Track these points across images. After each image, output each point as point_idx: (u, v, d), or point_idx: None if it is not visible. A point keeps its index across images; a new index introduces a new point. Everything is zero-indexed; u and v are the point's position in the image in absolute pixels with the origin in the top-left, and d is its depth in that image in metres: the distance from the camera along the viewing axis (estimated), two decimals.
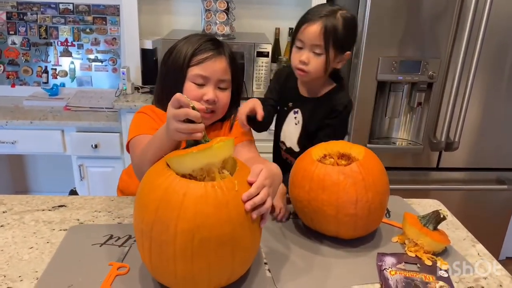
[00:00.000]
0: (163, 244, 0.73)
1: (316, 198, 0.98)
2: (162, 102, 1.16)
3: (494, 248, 2.24)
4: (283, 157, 1.36)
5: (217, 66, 1.11)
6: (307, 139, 1.25)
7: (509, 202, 2.18)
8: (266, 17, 2.54)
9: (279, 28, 2.53)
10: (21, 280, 0.85)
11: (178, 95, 0.82)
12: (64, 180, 2.55)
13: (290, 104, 1.30)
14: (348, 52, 1.21)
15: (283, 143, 1.33)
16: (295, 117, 1.29)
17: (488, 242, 1.16)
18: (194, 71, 1.10)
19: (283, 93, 1.32)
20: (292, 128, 1.30)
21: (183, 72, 1.10)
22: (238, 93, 1.21)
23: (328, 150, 1.08)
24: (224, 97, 1.14)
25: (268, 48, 2.20)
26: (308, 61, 1.17)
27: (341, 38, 1.16)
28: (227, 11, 2.29)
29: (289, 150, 1.32)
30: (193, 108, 0.82)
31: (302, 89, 1.29)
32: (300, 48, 1.19)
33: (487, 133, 2.04)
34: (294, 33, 1.21)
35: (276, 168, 1.02)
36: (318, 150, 1.07)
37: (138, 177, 1.01)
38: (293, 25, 1.23)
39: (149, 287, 0.84)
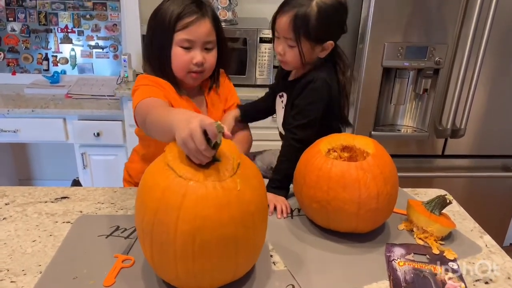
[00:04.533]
0: (164, 245, 0.72)
1: (337, 197, 0.93)
2: (152, 65, 1.19)
3: (498, 234, 2.24)
4: None
5: (202, 29, 1.12)
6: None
7: None
8: (269, 1, 2.48)
9: None
10: (24, 274, 0.84)
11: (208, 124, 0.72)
12: (67, 168, 2.55)
13: (278, 90, 1.29)
14: (330, 42, 1.14)
15: (278, 128, 1.33)
16: (281, 101, 1.27)
17: (493, 228, 1.15)
18: (180, 36, 1.12)
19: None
20: (280, 112, 1.29)
21: (170, 37, 1.12)
22: (222, 51, 1.21)
23: (332, 144, 1.05)
24: (211, 57, 1.17)
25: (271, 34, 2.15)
26: (284, 52, 1.15)
27: (315, 30, 1.09)
28: None
29: (280, 134, 1.31)
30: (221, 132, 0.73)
31: (292, 74, 1.26)
32: (278, 38, 1.16)
33: (493, 120, 2.00)
34: (272, 20, 1.17)
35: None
36: (323, 145, 1.03)
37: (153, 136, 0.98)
38: None
39: (152, 281, 0.84)
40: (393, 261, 0.92)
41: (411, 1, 1.77)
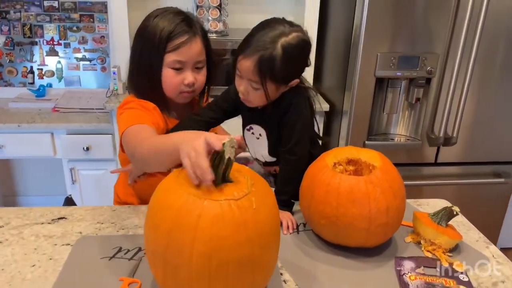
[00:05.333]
0: (178, 268, 0.69)
1: (346, 213, 0.91)
2: (138, 86, 1.15)
3: (490, 239, 2.25)
4: (266, 171, 1.30)
5: (194, 50, 1.09)
6: (278, 145, 1.15)
7: (505, 194, 2.19)
8: (260, 12, 2.48)
9: None
10: None
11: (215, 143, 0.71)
12: (55, 184, 2.49)
13: (245, 124, 1.21)
14: (296, 80, 1.08)
15: (257, 159, 1.26)
16: (252, 133, 1.19)
17: (484, 234, 1.16)
18: (170, 57, 1.08)
19: (238, 112, 1.21)
20: (256, 144, 1.20)
21: (160, 58, 1.08)
22: (210, 67, 1.19)
23: (337, 157, 1.03)
24: (202, 76, 1.16)
25: None
26: (247, 92, 1.07)
27: (280, 72, 1.02)
28: (219, 7, 2.23)
29: (266, 163, 1.23)
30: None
31: None
32: (240, 77, 1.07)
33: (483, 127, 2.03)
34: (234, 58, 1.07)
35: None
36: (329, 159, 1.02)
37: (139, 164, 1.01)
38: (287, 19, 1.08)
39: None
40: (404, 276, 0.91)
41: (402, 11, 1.79)
